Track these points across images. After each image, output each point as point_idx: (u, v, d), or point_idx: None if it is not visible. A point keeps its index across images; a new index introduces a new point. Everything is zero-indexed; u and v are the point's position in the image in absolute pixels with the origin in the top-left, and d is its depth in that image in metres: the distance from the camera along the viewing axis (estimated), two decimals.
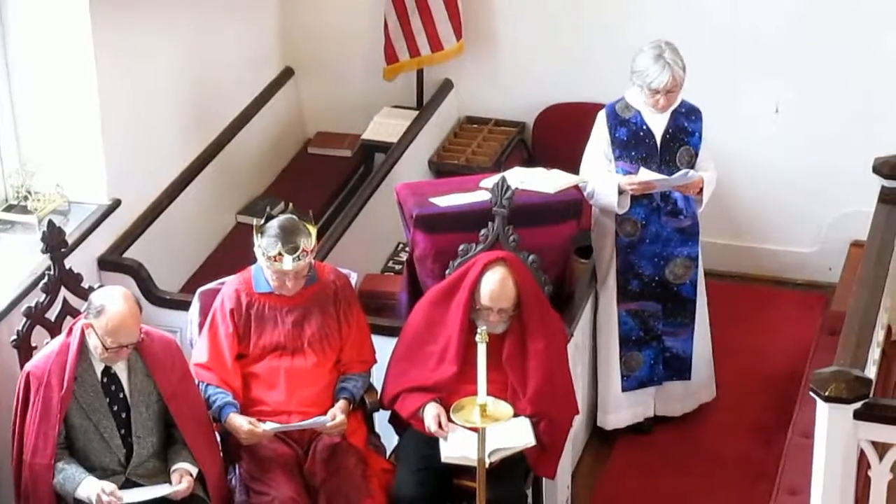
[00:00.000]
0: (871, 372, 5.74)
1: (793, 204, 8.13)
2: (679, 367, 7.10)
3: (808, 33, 7.86)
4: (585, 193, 6.82)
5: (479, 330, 5.33)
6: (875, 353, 5.99)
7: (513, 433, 5.86)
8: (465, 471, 5.84)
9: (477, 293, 6.03)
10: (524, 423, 5.92)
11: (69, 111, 6.79)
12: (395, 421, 6.20)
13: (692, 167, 6.80)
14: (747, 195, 8.15)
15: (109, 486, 5.57)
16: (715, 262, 7.69)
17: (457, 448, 5.85)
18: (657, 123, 6.80)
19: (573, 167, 6.90)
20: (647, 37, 6.88)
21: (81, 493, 5.57)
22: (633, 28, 7.84)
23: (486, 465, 5.53)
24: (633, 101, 6.83)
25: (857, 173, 7.43)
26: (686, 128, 6.83)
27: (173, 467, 5.70)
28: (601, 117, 6.87)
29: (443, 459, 5.87)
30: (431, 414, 5.95)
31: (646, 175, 6.73)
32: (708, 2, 7.95)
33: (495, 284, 6.01)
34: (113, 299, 5.59)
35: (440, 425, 5.90)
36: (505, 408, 5.33)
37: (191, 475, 5.67)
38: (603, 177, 6.80)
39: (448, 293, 6.11)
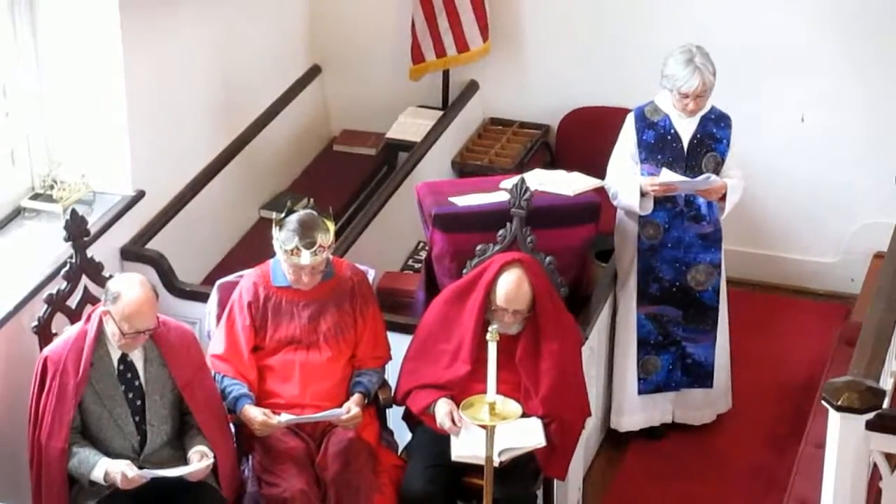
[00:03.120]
0: (886, 383, 5.73)
1: (816, 214, 8.12)
2: (700, 374, 7.10)
3: (835, 43, 7.85)
4: (610, 195, 6.84)
5: (489, 329, 5.34)
6: (892, 365, 5.97)
7: (523, 433, 5.88)
8: (475, 469, 5.86)
9: (493, 294, 6.05)
10: (535, 424, 5.94)
11: (96, 102, 6.83)
12: (408, 418, 6.23)
13: (717, 174, 6.81)
14: (770, 204, 8.15)
15: (132, 465, 5.62)
16: (736, 269, 7.68)
17: (467, 447, 5.87)
18: (685, 128, 6.81)
19: (596, 171, 6.91)
20: (674, 43, 6.88)
21: (97, 474, 5.61)
22: (659, 33, 7.84)
23: (497, 465, 5.56)
24: (662, 105, 6.84)
25: (881, 184, 7.47)
26: (714, 134, 6.84)
27: (192, 449, 5.74)
28: (629, 119, 6.88)
29: (453, 458, 5.89)
30: (444, 410, 5.98)
31: (668, 176, 6.73)
32: (736, 10, 7.94)
33: (511, 286, 6.03)
34: (129, 286, 5.64)
35: (454, 421, 5.92)
36: (514, 407, 5.34)
37: (209, 458, 5.70)
38: (626, 179, 6.82)
39: (463, 293, 6.14)
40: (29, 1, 6.65)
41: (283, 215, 6.00)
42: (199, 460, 5.69)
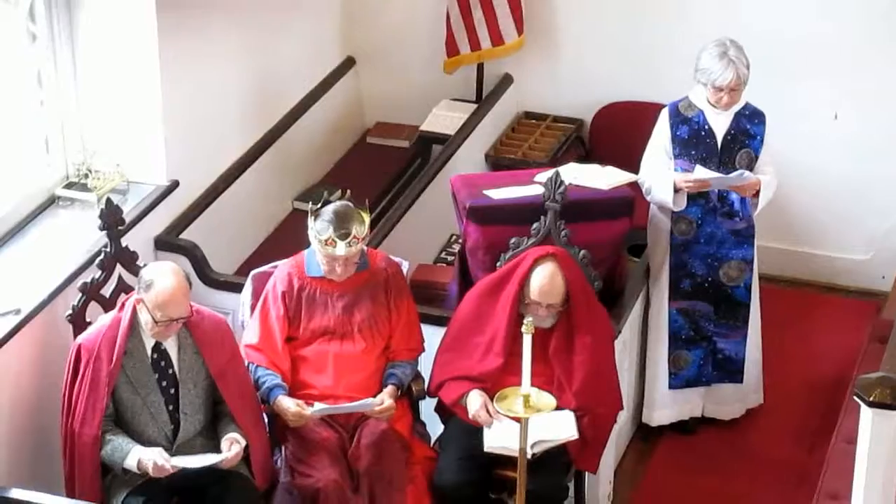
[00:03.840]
0: None
1: (848, 211, 8.11)
2: (731, 370, 7.10)
3: (870, 39, 7.84)
4: (643, 189, 6.84)
5: (525, 321, 5.35)
6: None
7: (556, 426, 5.89)
8: (507, 461, 5.87)
9: (526, 287, 6.06)
10: (568, 416, 5.95)
11: (132, 93, 6.85)
12: (441, 410, 6.24)
13: (751, 170, 6.80)
14: (803, 200, 8.14)
15: (164, 453, 5.64)
16: (767, 265, 7.68)
17: (499, 438, 5.88)
18: (720, 124, 6.81)
19: (629, 166, 6.91)
20: (708, 38, 6.87)
21: (130, 462, 5.63)
22: (693, 29, 7.83)
23: (529, 457, 5.57)
24: (696, 101, 6.84)
25: None
26: (748, 130, 6.83)
27: (225, 436, 5.76)
28: (664, 114, 6.88)
29: (485, 449, 5.91)
30: (478, 402, 5.99)
31: (701, 173, 6.73)
32: (771, 6, 7.93)
33: (545, 280, 6.03)
34: (162, 274, 5.66)
35: (488, 412, 5.94)
36: (548, 399, 5.36)
37: (239, 444, 5.73)
38: (660, 174, 6.82)
39: (497, 286, 6.14)
40: None
41: (319, 206, 6.02)
42: (229, 448, 5.71)
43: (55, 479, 5.99)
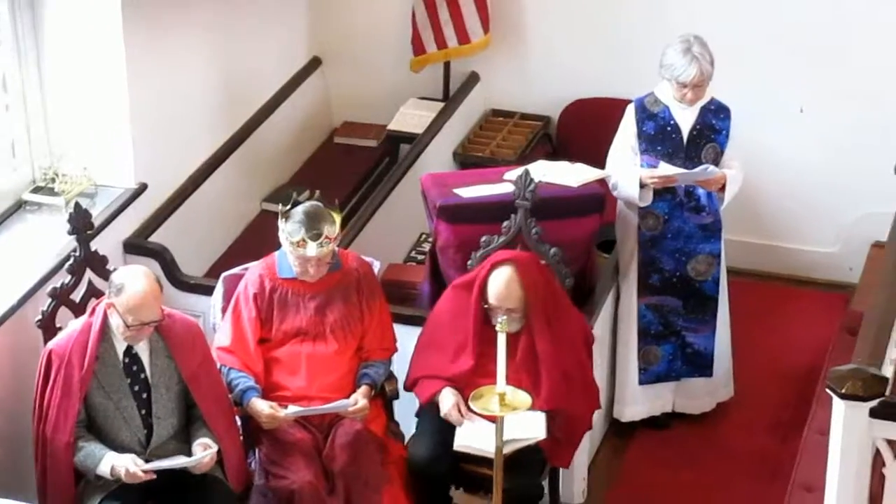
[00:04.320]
0: (888, 371, 5.75)
1: (815, 203, 8.14)
2: (700, 364, 7.12)
3: (835, 33, 7.86)
4: (609, 185, 6.86)
5: (499, 320, 5.35)
6: (893, 353, 5.99)
7: (524, 426, 5.88)
8: (481, 459, 5.88)
9: (486, 292, 6.08)
10: (537, 416, 5.94)
11: (98, 95, 6.83)
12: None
13: (717, 165, 6.82)
14: (770, 194, 8.16)
15: (137, 460, 5.62)
16: (736, 259, 7.69)
17: (469, 438, 5.89)
18: (685, 119, 6.83)
19: (597, 162, 6.92)
20: (674, 34, 6.89)
21: (103, 468, 5.61)
22: (660, 25, 7.85)
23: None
24: (662, 96, 6.86)
25: (879, 174, 7.46)
26: (714, 125, 6.85)
27: (196, 441, 5.74)
28: (629, 110, 6.89)
29: (455, 448, 5.91)
30: (450, 402, 6.00)
31: (666, 168, 6.76)
32: (735, 2, 7.96)
33: (501, 285, 6.04)
34: (133, 277, 5.63)
35: (460, 412, 5.94)
36: (524, 397, 5.35)
37: (212, 449, 5.70)
38: (626, 170, 6.84)
39: (466, 288, 6.16)
40: None
41: (288, 207, 6.00)
42: (202, 452, 5.69)
43: (28, 485, 5.95)
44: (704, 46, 6.74)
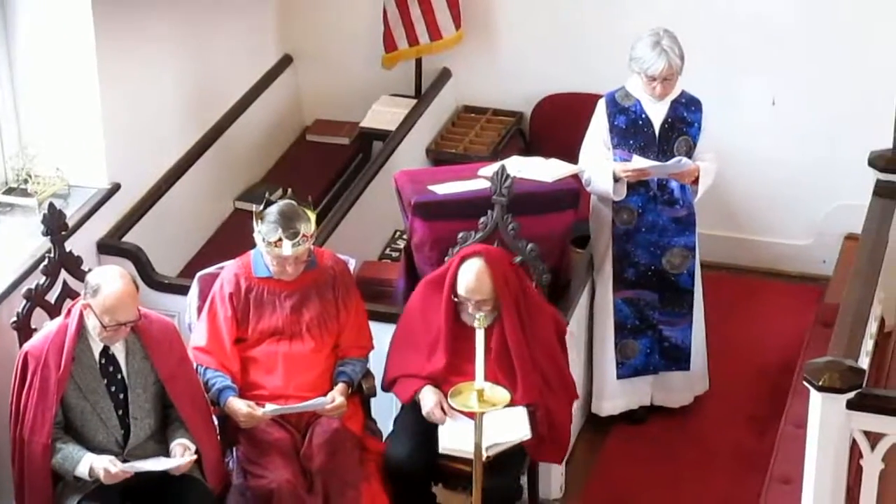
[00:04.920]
0: (864, 363, 5.78)
1: (788, 196, 8.16)
2: (678, 357, 7.13)
3: (806, 26, 7.88)
4: (583, 180, 6.86)
5: (476, 316, 5.35)
6: (868, 345, 6.03)
7: (509, 426, 5.88)
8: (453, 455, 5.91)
9: (456, 284, 6.07)
10: (520, 414, 5.95)
11: (70, 95, 6.81)
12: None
13: (690, 157, 6.84)
14: (742, 187, 8.18)
15: (115, 460, 5.60)
16: (709, 253, 7.71)
17: (455, 440, 5.88)
18: (656, 113, 6.84)
19: (570, 157, 6.93)
20: (645, 28, 6.90)
21: (81, 469, 5.59)
22: (632, 19, 7.84)
23: (483, 459, 5.55)
24: (633, 90, 6.86)
25: (852, 166, 7.48)
26: (685, 118, 6.86)
27: (174, 442, 5.73)
28: (601, 105, 6.90)
29: (440, 451, 5.91)
30: (432, 401, 6.00)
31: (640, 162, 6.77)
32: None
33: (471, 275, 6.04)
34: (109, 278, 5.61)
35: (443, 410, 5.94)
36: (502, 393, 5.35)
37: (190, 451, 5.69)
38: (599, 164, 6.84)
39: (437, 284, 6.16)
40: None
41: (262, 207, 5.98)
42: (181, 453, 5.68)
43: (5, 488, 5.93)
44: (674, 40, 6.75)
